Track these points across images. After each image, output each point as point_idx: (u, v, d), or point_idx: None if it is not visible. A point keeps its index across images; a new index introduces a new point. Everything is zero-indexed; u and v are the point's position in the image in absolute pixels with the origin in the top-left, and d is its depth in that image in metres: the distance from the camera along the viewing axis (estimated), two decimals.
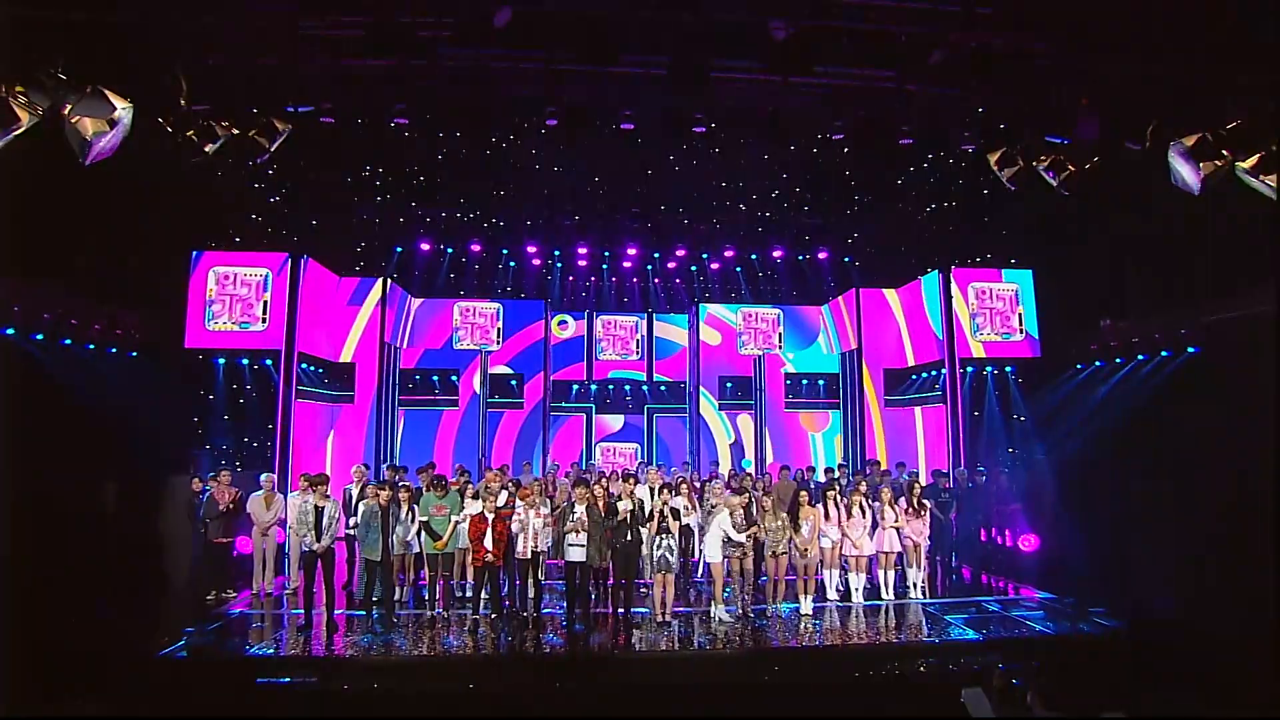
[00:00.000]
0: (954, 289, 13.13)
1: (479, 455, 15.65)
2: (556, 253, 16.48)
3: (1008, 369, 13.12)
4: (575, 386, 18.09)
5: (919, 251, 14.29)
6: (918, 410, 14.36)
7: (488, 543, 8.19)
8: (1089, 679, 7.00)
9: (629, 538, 8.17)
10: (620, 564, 8.29)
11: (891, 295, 15.26)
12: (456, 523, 8.42)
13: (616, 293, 18.11)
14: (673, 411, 18.10)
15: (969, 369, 13.13)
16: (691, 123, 8.96)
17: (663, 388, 18.13)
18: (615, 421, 18.15)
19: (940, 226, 13.69)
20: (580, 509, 8.24)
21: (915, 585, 9.55)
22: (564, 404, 17.92)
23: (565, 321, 18.09)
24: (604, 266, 17.13)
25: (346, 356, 14.38)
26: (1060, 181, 8.56)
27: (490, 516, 8.23)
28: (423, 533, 8.44)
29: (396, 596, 8.76)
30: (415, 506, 8.57)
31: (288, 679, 6.83)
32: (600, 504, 8.33)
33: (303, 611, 8.21)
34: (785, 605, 8.65)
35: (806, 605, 8.72)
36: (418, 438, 15.61)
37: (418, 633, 7.97)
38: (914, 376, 14.44)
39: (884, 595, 9.21)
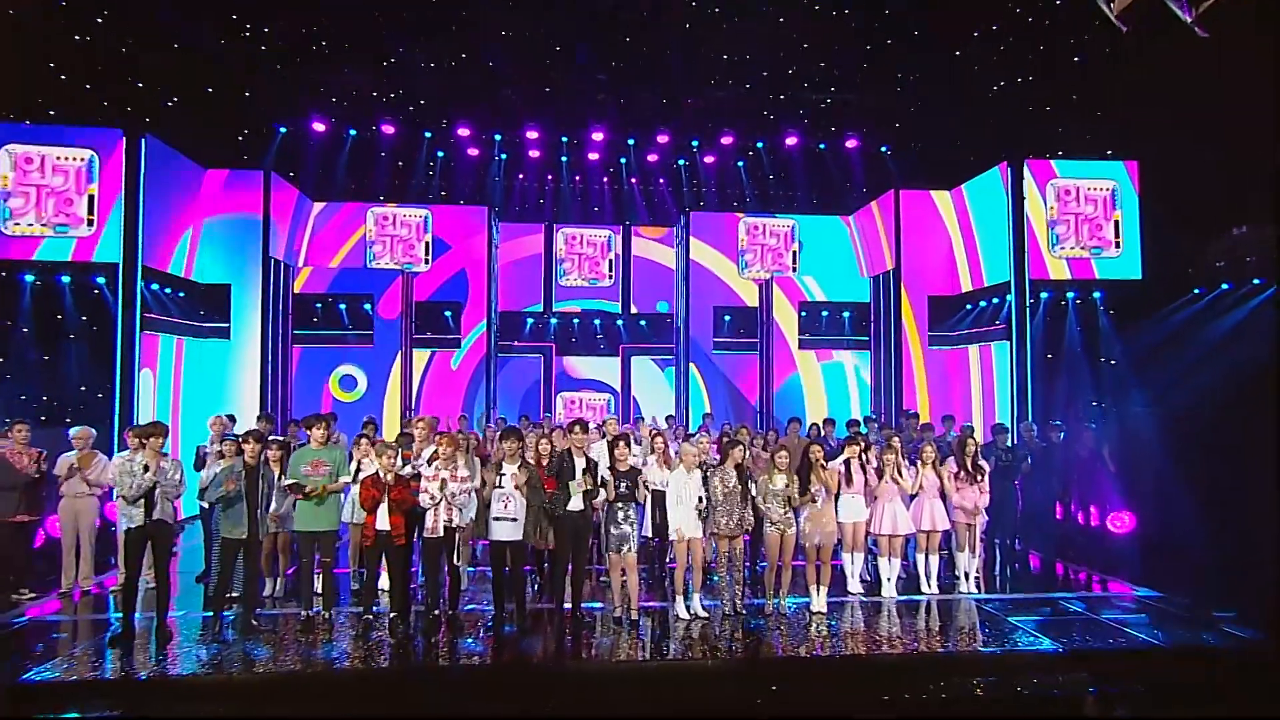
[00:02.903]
0: (1028, 187, 12.68)
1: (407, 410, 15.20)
2: (498, 138, 15.62)
3: (1096, 295, 12.78)
4: (530, 320, 17.85)
5: (981, 139, 13.87)
6: (973, 350, 14.20)
7: (381, 515, 7.38)
8: (1216, 708, 6.42)
9: (582, 508, 7.52)
10: (567, 543, 7.59)
11: (942, 199, 14.88)
12: (343, 484, 7.74)
13: (583, 198, 17.57)
14: (655, 352, 17.88)
15: (1044, 295, 12.81)
16: None
17: (642, 323, 17.90)
18: (583, 365, 17.83)
19: (1012, 104, 13.06)
20: (511, 470, 7.42)
21: (967, 575, 8.92)
22: (515, 343, 17.72)
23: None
24: (563, 159, 16.40)
25: (215, 276, 13.75)
26: (1196, 16, 7.37)
27: (388, 479, 7.41)
28: (297, 504, 7.67)
29: (266, 591, 8.34)
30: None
31: (75, 715, 6.00)
32: (543, 463, 7.70)
33: (122, 615, 7.28)
34: (791, 600, 8.15)
35: (819, 600, 8.09)
36: (316, 384, 15.06)
37: (285, 640, 7.23)
38: (968, 306, 14.22)
39: (924, 588, 8.69)
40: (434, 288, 16.32)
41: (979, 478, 8.79)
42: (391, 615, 7.52)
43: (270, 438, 8.47)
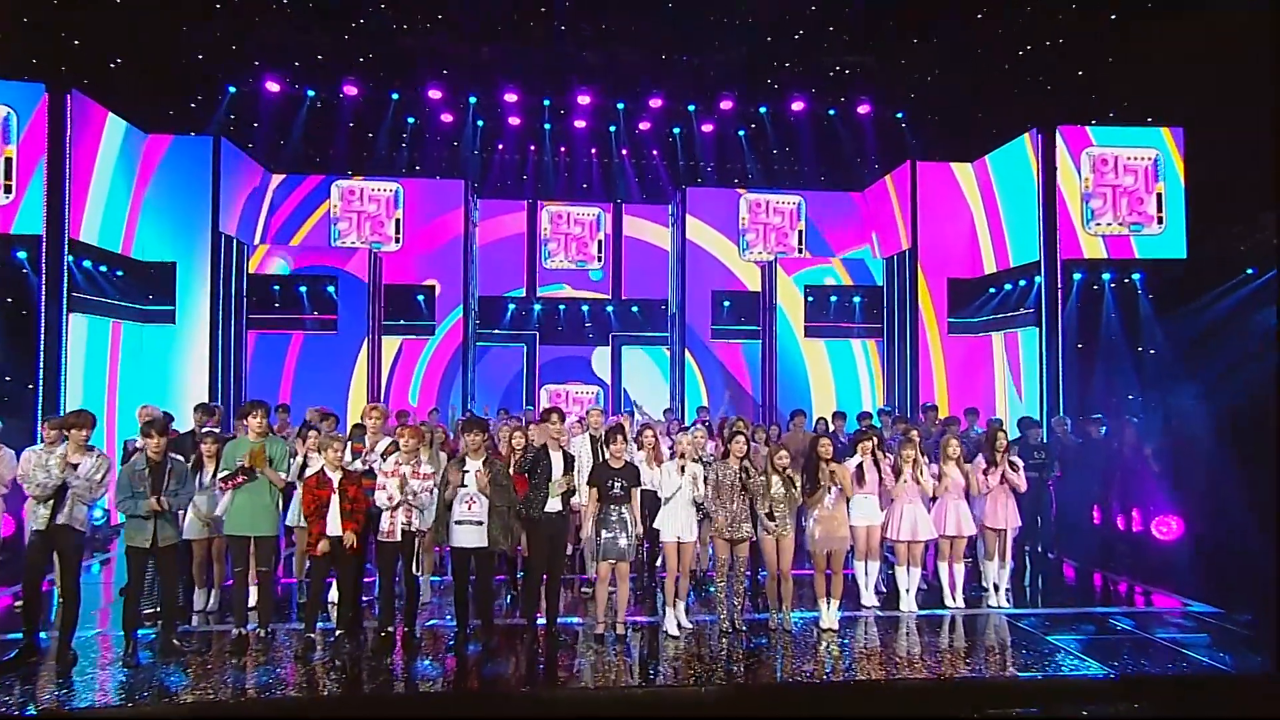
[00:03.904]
0: (1060, 157, 12.47)
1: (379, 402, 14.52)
2: (473, 101, 15.25)
3: (1135, 276, 12.57)
4: (511, 306, 17.66)
5: (1007, 105, 13.67)
6: (997, 338, 14.07)
7: (331, 520, 6.94)
8: None
9: (560, 509, 7.22)
10: (543, 549, 7.23)
11: (963, 172, 14.68)
12: (283, 480, 7.32)
13: (569, 172, 17.32)
14: (648, 341, 17.78)
15: (1077, 276, 12.62)
16: None
17: (634, 309, 17.74)
18: (570, 356, 17.70)
19: (1042, 64, 12.89)
20: (475, 466, 7.01)
21: (997, 587, 8.56)
22: (494, 330, 17.52)
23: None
24: (546, 126, 16.12)
25: (158, 254, 13.31)
26: None
27: (336, 477, 7.01)
28: (232, 512, 7.24)
29: (199, 605, 7.99)
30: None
31: None
32: (514, 458, 7.50)
33: (22, 634, 6.78)
34: (797, 615, 7.79)
35: (830, 616, 7.72)
36: (273, 374, 14.67)
37: (210, 663, 6.76)
38: (992, 289, 14.11)
39: (949, 601, 8.32)
40: (405, 270, 15.98)
41: (1015, 473, 8.47)
42: (338, 633, 7.12)
43: (205, 430, 8.28)
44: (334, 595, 7.57)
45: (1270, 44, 9.94)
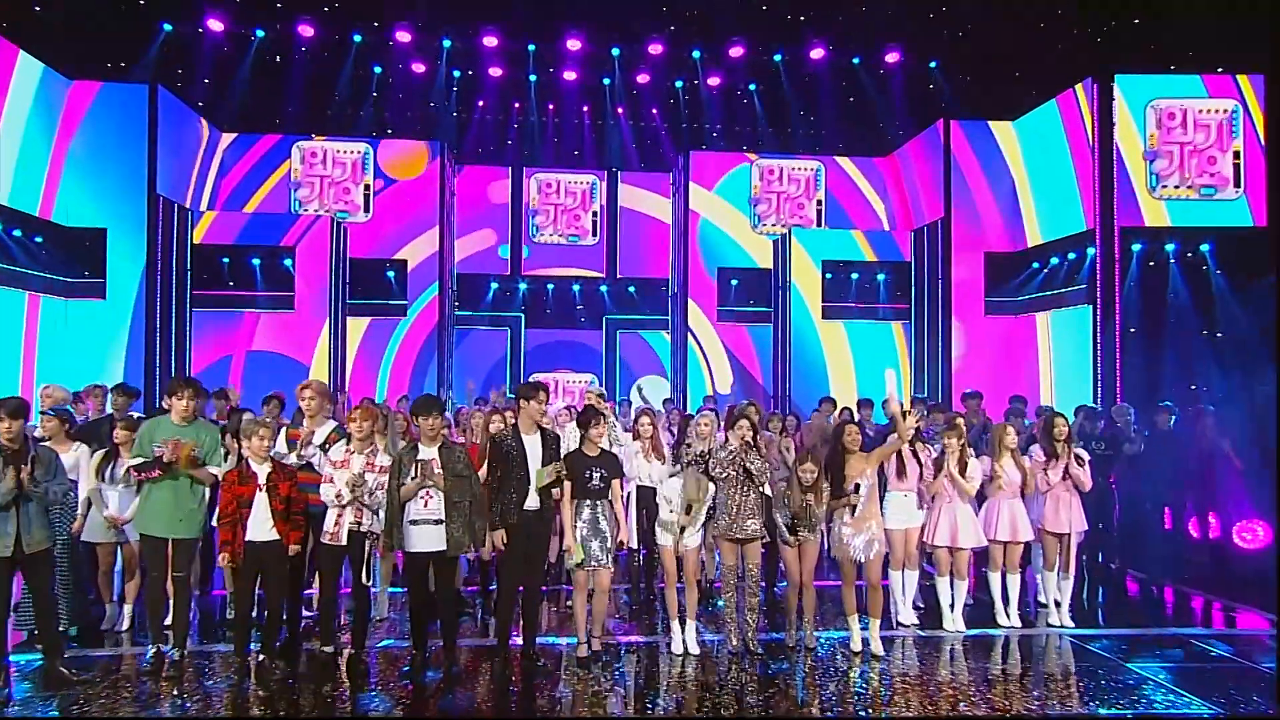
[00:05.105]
0: (1119, 110, 12.24)
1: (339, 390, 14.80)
2: (448, 44, 14.77)
3: (1205, 247, 12.24)
4: (494, 284, 17.88)
5: (1057, 52, 13.35)
6: (1041, 318, 13.99)
7: (255, 523, 6.48)
8: None
9: (539, 508, 6.76)
10: (518, 554, 6.79)
11: (1004, 132, 14.66)
12: (212, 475, 6.80)
13: (559, 134, 17.19)
14: (647, 324, 17.97)
15: (1136, 247, 12.34)
16: None
17: (631, 289, 17.89)
18: (559, 340, 17.89)
19: (1097, 4, 12.59)
20: (429, 453, 6.48)
21: (1058, 604, 8.06)
22: (476, 312, 17.71)
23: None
24: (532, 77, 15.75)
25: (85, 219, 12.94)
26: None
27: (263, 471, 6.54)
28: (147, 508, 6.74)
29: (105, 624, 7.50)
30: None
31: None
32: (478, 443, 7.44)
33: None
34: (823, 634, 7.43)
35: (859, 637, 7.26)
36: (220, 358, 14.51)
37: (103, 692, 6.21)
38: (1035, 264, 14.05)
39: (1002, 619, 7.88)
40: (374, 242, 15.91)
41: (1081, 467, 7.94)
42: (260, 657, 6.65)
43: (119, 416, 8.02)
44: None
45: None
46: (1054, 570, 8.02)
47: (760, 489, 7.08)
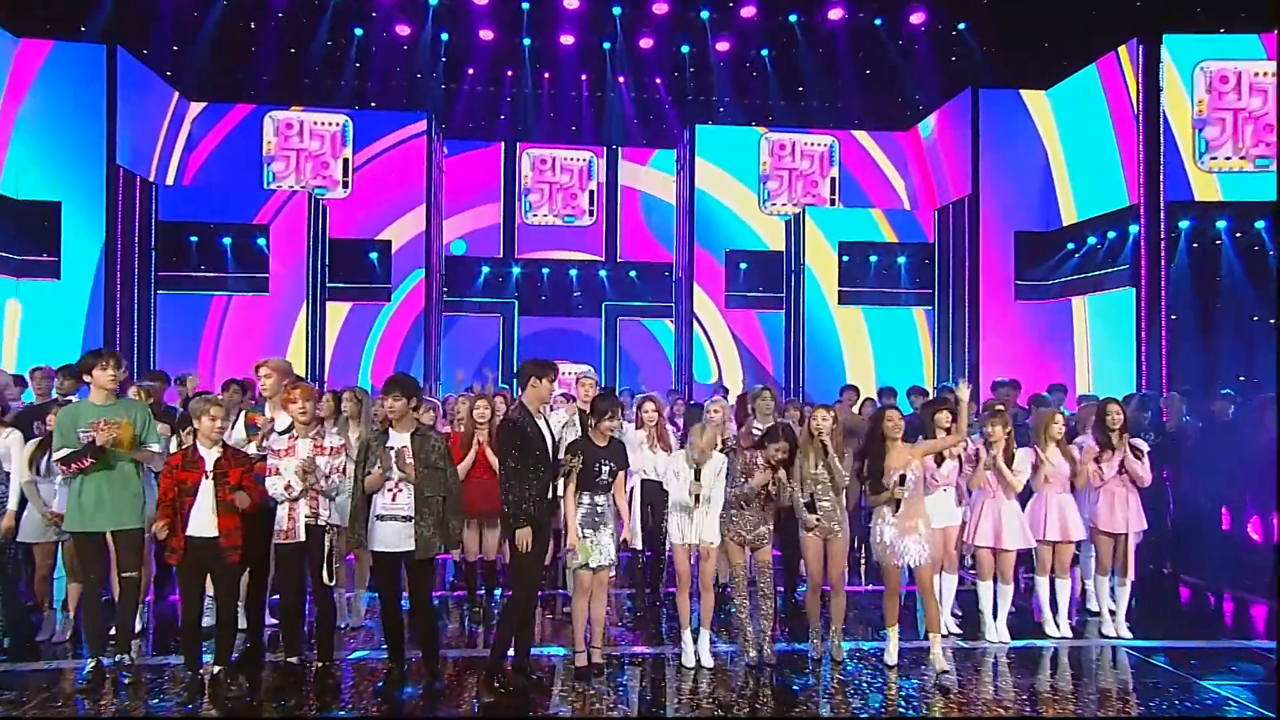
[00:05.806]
0: (1166, 74, 12.06)
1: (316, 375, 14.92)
2: (434, 3, 14.58)
3: (1259, 224, 11.99)
4: (485, 268, 17.84)
5: (1097, 14, 13.27)
6: (1078, 303, 13.88)
7: (199, 515, 6.09)
8: None
9: (549, 495, 6.52)
10: (538, 556, 6.53)
11: (1037, 101, 14.55)
12: (153, 454, 6.56)
13: (554, 108, 17.16)
14: (649, 311, 18.05)
15: (1184, 224, 12.18)
16: None
17: (632, 273, 17.90)
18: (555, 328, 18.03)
19: None
20: (400, 440, 6.23)
21: (1113, 613, 7.78)
22: (465, 298, 17.73)
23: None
24: (526, 41, 15.55)
25: (36, 191, 12.73)
26: None
27: (211, 456, 6.16)
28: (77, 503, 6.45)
29: (43, 633, 7.24)
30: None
31: None
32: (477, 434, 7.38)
33: None
34: (849, 644, 7.19)
35: (895, 649, 6.97)
36: (187, 344, 14.31)
37: (37, 712, 5.96)
38: (1071, 244, 13.89)
39: (1051, 629, 7.62)
40: (355, 221, 15.76)
41: (1139, 459, 7.64)
42: (216, 669, 6.25)
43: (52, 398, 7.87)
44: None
45: None
46: (1108, 575, 7.71)
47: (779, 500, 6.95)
